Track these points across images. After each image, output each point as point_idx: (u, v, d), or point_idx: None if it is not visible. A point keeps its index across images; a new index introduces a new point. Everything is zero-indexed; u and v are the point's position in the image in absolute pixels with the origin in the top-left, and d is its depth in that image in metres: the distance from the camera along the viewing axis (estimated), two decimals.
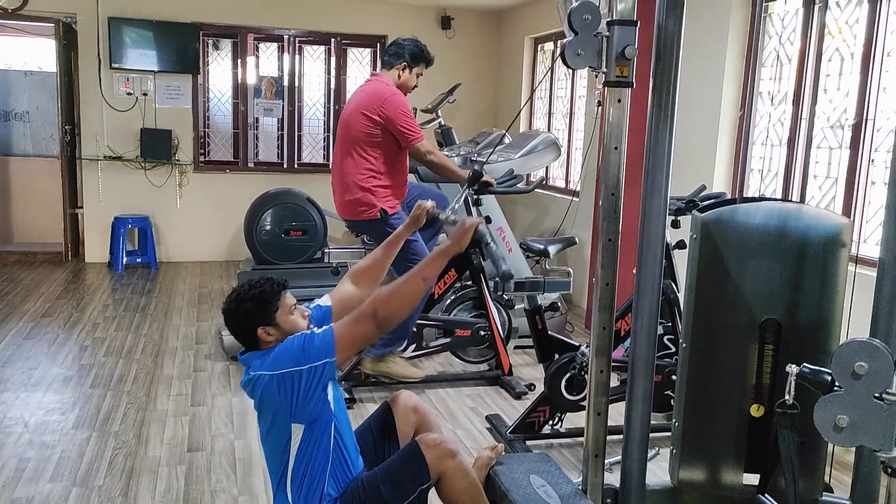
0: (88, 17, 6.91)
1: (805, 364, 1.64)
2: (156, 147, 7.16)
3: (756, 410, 2.30)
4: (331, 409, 2.20)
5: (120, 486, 3.02)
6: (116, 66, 6.98)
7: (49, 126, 7.77)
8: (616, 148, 2.29)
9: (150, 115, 7.16)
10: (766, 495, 2.12)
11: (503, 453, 2.72)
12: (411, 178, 4.30)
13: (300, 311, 2.31)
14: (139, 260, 7.17)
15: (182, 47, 7.14)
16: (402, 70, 3.94)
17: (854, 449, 2.38)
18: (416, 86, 4.04)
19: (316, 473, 2.19)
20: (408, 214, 3.94)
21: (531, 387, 4.18)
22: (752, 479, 2.42)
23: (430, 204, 2.66)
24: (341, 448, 2.25)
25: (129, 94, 7.09)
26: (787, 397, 1.66)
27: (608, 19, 2.20)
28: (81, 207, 7.27)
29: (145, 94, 7.12)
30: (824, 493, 2.42)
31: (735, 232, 2.32)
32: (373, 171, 3.83)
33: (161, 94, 7.19)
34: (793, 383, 1.64)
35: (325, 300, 2.51)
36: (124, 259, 7.01)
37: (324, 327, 2.20)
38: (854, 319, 2.36)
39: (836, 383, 1.51)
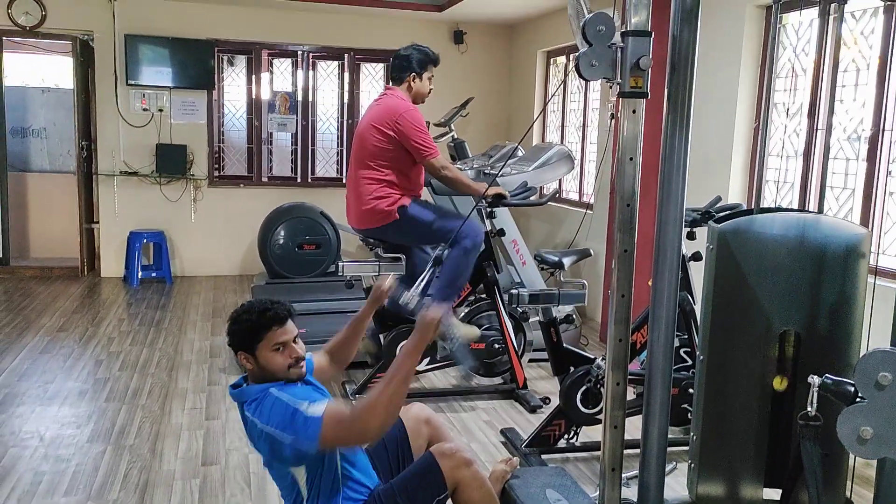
0: (105, 34, 6.99)
1: (827, 375, 1.62)
2: (171, 162, 7.22)
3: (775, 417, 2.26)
4: None
5: (135, 500, 3.02)
6: (133, 82, 7.05)
7: (66, 142, 7.85)
8: (631, 159, 2.27)
9: (165, 130, 7.22)
10: None
11: (518, 467, 2.70)
12: (425, 192, 4.30)
13: (291, 349, 2.19)
14: (154, 274, 7.21)
15: (197, 63, 7.21)
16: (413, 80, 3.94)
17: (875, 463, 2.34)
18: (431, 90, 4.03)
19: (329, 499, 2.19)
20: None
21: (546, 400, 4.15)
22: (771, 493, 2.39)
23: (388, 284, 2.57)
24: (350, 471, 2.24)
25: (144, 109, 7.16)
26: (809, 409, 1.64)
27: (622, 30, 2.20)
28: (97, 222, 7.33)
29: (161, 110, 7.18)
30: None
31: (753, 242, 2.30)
32: (387, 183, 3.84)
33: (176, 110, 7.25)
34: (815, 394, 1.62)
35: (309, 355, 2.43)
36: (139, 273, 7.05)
37: (315, 408, 2.07)
38: (872, 331, 2.32)
39: (860, 394, 1.48)
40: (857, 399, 1.49)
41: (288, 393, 2.14)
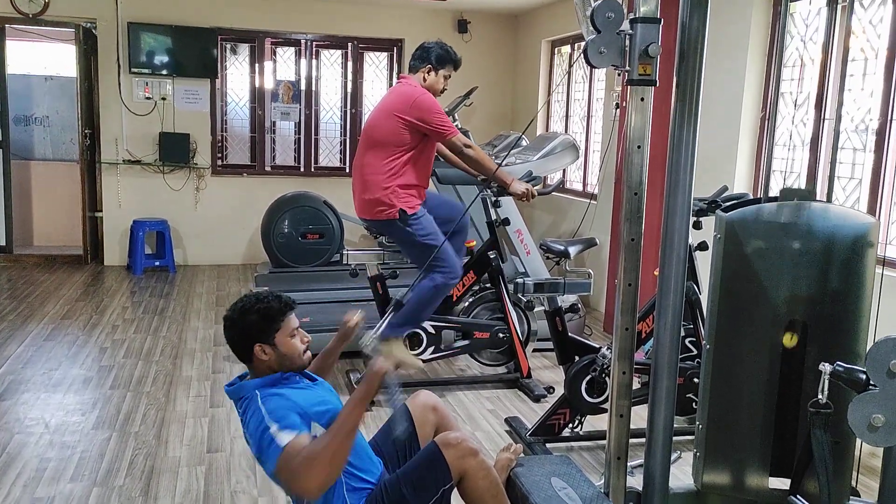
0: (108, 22, 6.96)
1: (839, 362, 1.61)
2: (174, 151, 7.21)
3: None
4: None
5: (140, 487, 3.03)
6: (136, 70, 7.03)
7: (69, 130, 7.84)
8: (639, 147, 2.26)
9: (168, 119, 7.20)
10: (797, 496, 2.08)
11: (522, 455, 2.70)
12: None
13: (301, 334, 2.25)
14: (157, 263, 7.21)
15: (200, 52, 7.18)
16: (428, 73, 3.92)
17: (882, 452, 2.33)
18: (444, 89, 4.00)
19: (333, 495, 2.18)
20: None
21: (550, 389, 4.15)
22: (778, 482, 2.38)
23: (356, 320, 2.54)
24: (351, 466, 2.21)
25: (147, 98, 7.14)
26: (819, 396, 1.63)
27: (631, 17, 2.19)
28: (101, 211, 7.32)
29: (164, 99, 7.16)
30: (851, 497, 2.38)
31: (760, 231, 2.29)
32: (394, 171, 3.80)
33: (179, 99, 7.23)
34: (826, 382, 1.61)
35: None
36: (143, 262, 7.05)
37: (283, 435, 2.02)
38: (879, 321, 2.32)
39: (871, 381, 1.48)
40: (869, 387, 1.49)
41: (274, 404, 2.09)
